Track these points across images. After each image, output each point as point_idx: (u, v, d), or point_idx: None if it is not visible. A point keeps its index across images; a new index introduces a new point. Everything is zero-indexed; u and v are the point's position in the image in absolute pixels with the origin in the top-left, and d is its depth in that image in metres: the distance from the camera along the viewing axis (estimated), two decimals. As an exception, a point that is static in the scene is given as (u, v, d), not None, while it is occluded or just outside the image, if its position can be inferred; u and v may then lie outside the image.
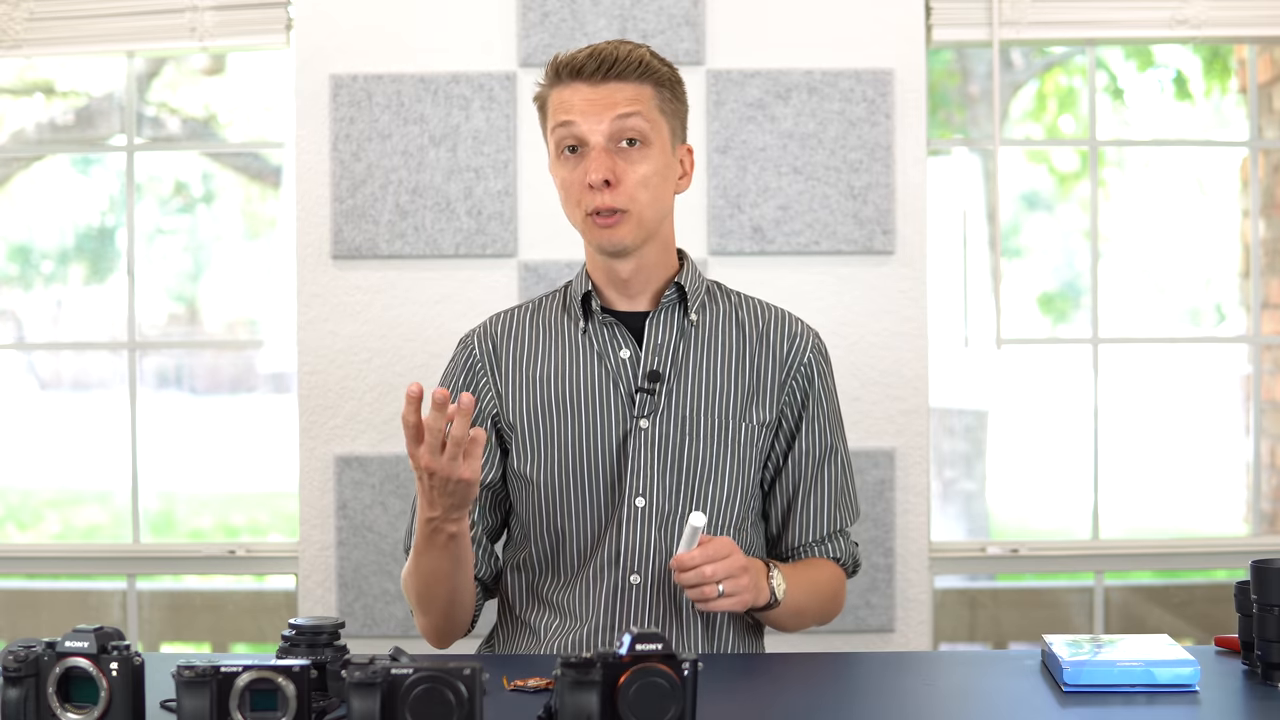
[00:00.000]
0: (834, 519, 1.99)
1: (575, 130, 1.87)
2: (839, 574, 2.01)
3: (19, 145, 4.89)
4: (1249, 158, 3.26)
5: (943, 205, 6.14)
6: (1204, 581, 3.57)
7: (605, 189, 1.85)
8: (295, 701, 1.38)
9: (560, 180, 1.91)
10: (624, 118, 1.86)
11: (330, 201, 2.81)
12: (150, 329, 7.02)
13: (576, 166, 1.88)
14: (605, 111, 1.86)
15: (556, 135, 1.89)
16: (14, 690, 1.39)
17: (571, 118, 1.87)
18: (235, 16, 2.85)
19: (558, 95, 1.90)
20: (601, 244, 1.89)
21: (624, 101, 1.87)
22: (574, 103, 1.87)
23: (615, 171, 1.85)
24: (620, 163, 1.86)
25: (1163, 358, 7.50)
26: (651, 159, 1.88)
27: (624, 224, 1.87)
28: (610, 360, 1.93)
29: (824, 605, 1.99)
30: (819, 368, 1.99)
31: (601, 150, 1.86)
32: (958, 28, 2.86)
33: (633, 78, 1.88)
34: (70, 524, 7.93)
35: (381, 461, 2.82)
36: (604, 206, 1.86)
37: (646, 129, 1.87)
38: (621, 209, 1.86)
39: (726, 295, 2.01)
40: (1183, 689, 1.59)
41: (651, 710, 1.36)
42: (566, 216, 1.94)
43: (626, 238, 1.88)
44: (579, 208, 1.89)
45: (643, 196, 1.87)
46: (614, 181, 1.85)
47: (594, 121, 1.86)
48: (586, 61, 1.87)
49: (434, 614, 1.91)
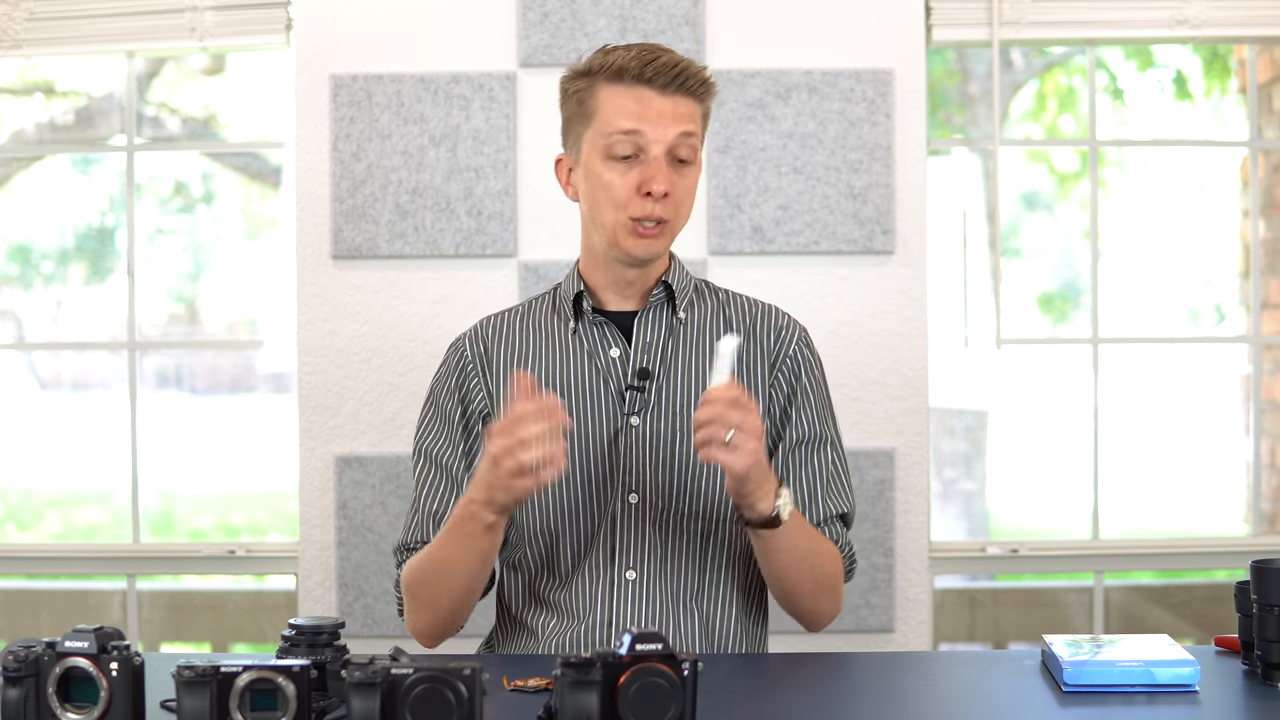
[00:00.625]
0: (825, 505, 1.95)
1: (640, 140, 1.86)
2: (839, 559, 1.95)
3: (19, 145, 4.89)
4: (1249, 158, 3.26)
5: (943, 205, 6.14)
6: (1204, 581, 3.57)
7: (663, 200, 1.86)
8: (295, 701, 1.38)
9: (606, 182, 1.87)
10: (685, 136, 1.87)
11: (330, 201, 2.82)
12: (150, 329, 7.02)
13: (628, 171, 1.86)
14: (671, 125, 1.86)
15: (611, 140, 1.86)
16: (14, 690, 1.39)
17: (639, 127, 1.85)
18: (235, 16, 2.85)
19: (614, 94, 1.87)
20: (636, 252, 1.89)
21: (686, 118, 1.87)
22: (640, 111, 1.86)
23: (672, 183, 1.87)
24: (674, 175, 1.88)
25: (1163, 358, 7.50)
26: (695, 174, 1.91)
27: (663, 235, 1.89)
28: (600, 359, 1.94)
29: (822, 571, 1.90)
30: (805, 359, 1.99)
31: (663, 161, 1.86)
32: (958, 28, 2.86)
33: (697, 93, 1.89)
34: (70, 524, 7.93)
35: (381, 461, 2.82)
36: (654, 216, 1.86)
37: (697, 148, 1.90)
38: (667, 220, 1.88)
39: (714, 293, 2.02)
40: (1183, 689, 1.59)
41: (651, 710, 1.36)
42: (593, 218, 1.91)
43: (662, 248, 1.91)
44: (621, 211, 1.87)
45: (684, 210, 1.91)
46: (670, 193, 1.87)
47: (659, 131, 1.85)
48: (660, 70, 1.86)
49: (439, 609, 1.90)
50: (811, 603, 1.93)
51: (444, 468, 1.95)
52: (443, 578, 1.86)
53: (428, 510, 1.95)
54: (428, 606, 1.91)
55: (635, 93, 1.86)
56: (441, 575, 1.86)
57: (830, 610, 1.96)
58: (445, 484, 1.95)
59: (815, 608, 1.94)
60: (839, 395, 2.80)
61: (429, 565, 1.87)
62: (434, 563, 1.86)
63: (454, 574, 1.85)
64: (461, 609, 1.91)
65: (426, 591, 1.90)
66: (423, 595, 1.91)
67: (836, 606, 1.97)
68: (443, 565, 1.85)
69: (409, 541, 1.96)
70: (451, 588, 1.87)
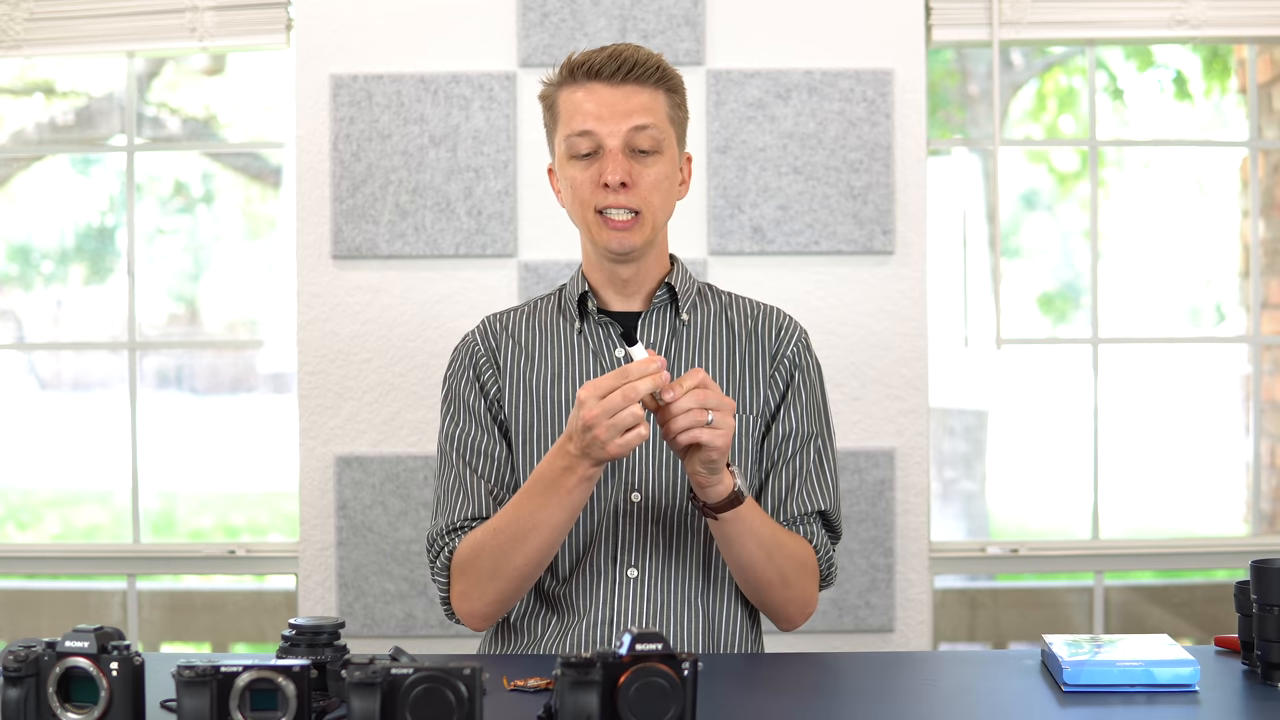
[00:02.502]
0: (802, 499, 1.93)
1: (592, 138, 1.87)
2: (809, 551, 1.92)
3: (19, 145, 4.89)
4: (1249, 158, 3.26)
5: (943, 205, 6.14)
6: (1204, 581, 3.57)
7: (621, 190, 1.87)
8: (295, 701, 1.38)
9: (570, 179, 1.90)
10: (639, 130, 1.88)
11: (330, 201, 2.82)
12: (150, 329, 7.02)
13: (589, 167, 1.89)
14: (622, 120, 1.87)
15: (570, 142, 1.89)
16: (14, 690, 1.39)
17: (588, 126, 1.87)
18: (235, 16, 2.85)
19: (570, 95, 1.90)
20: (611, 246, 1.89)
21: (640, 110, 1.88)
22: (590, 107, 1.87)
23: (631, 174, 1.87)
24: (635, 165, 1.88)
25: (1163, 358, 7.50)
26: (663, 163, 1.91)
27: (637, 227, 1.89)
28: (605, 359, 1.96)
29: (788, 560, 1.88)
30: (802, 359, 1.99)
31: (618, 153, 1.87)
32: (958, 28, 2.86)
33: (650, 82, 1.89)
34: (70, 524, 7.93)
35: (381, 461, 2.82)
36: (618, 206, 1.87)
37: (660, 139, 1.89)
38: (635, 209, 1.88)
39: (716, 295, 2.03)
40: (1183, 689, 1.59)
41: (651, 710, 1.36)
42: (571, 216, 1.94)
43: (638, 241, 1.90)
44: (587, 206, 1.89)
45: (655, 199, 1.90)
46: (630, 183, 1.87)
47: (611, 125, 1.87)
48: (606, 62, 1.88)
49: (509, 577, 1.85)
50: (781, 595, 1.90)
51: (480, 450, 1.94)
52: (519, 542, 1.82)
53: (473, 488, 1.92)
54: (491, 578, 1.86)
55: (587, 89, 1.89)
56: (518, 539, 1.82)
57: (799, 603, 1.92)
58: (485, 464, 1.93)
59: (785, 600, 1.90)
60: (839, 395, 2.80)
61: (502, 532, 1.83)
62: (510, 527, 1.82)
63: (538, 534, 1.81)
64: (532, 575, 1.86)
65: (491, 563, 1.85)
66: (486, 568, 1.86)
67: (807, 601, 1.93)
68: (521, 528, 1.81)
69: (456, 522, 1.92)
70: (529, 550, 1.82)
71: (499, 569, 1.86)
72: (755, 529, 1.83)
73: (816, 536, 1.95)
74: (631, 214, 1.88)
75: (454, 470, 1.95)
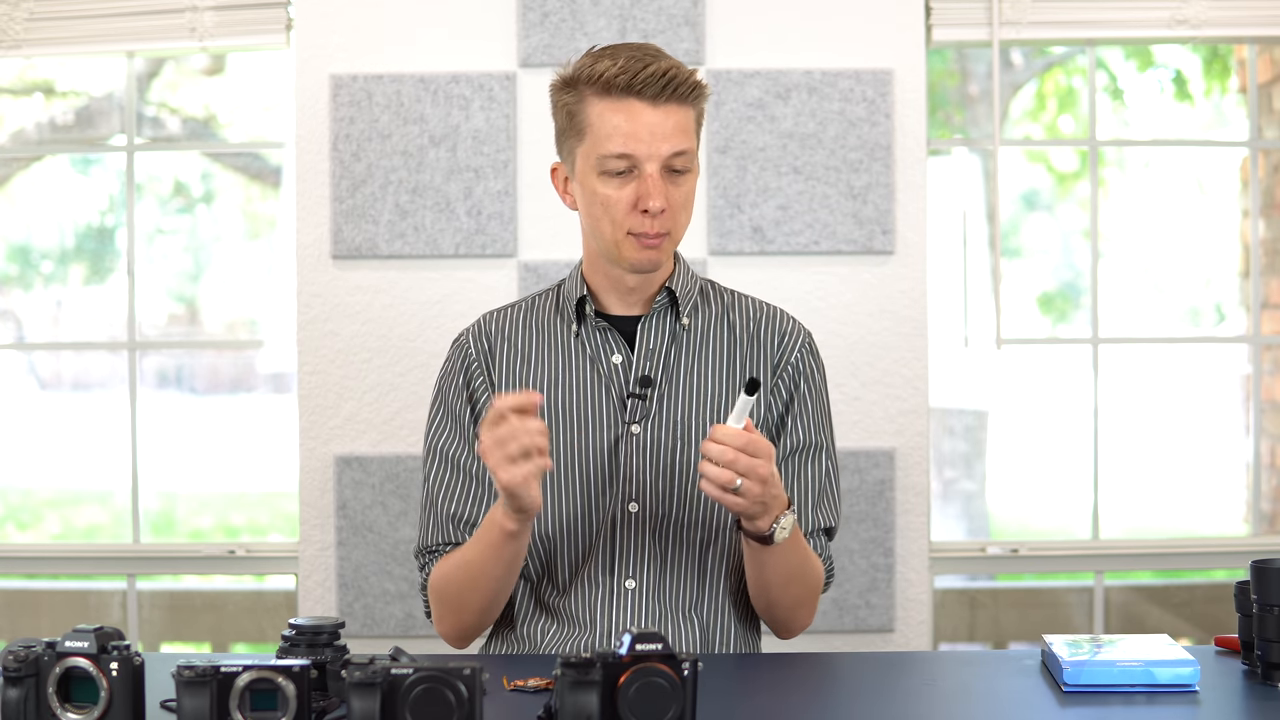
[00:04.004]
0: (814, 517, 1.94)
1: (629, 160, 1.83)
2: (821, 573, 1.94)
3: (19, 145, 4.89)
4: (1249, 158, 3.26)
5: (943, 205, 6.14)
6: (1204, 581, 3.57)
7: (659, 215, 1.84)
8: (295, 701, 1.38)
9: (602, 198, 1.85)
10: (679, 154, 1.84)
11: (330, 201, 2.82)
12: (150, 329, 7.02)
13: (624, 186, 1.84)
14: (661, 143, 1.82)
15: (602, 162, 1.83)
16: (14, 690, 1.39)
17: (628, 150, 1.82)
18: (235, 16, 2.85)
19: (604, 111, 1.83)
20: (638, 264, 1.87)
21: (677, 132, 1.83)
22: (629, 128, 1.82)
23: (666, 197, 1.84)
24: (670, 188, 1.85)
25: (1163, 358, 7.50)
26: (690, 182, 1.88)
27: (665, 245, 1.87)
28: (602, 365, 1.93)
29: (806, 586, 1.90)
30: (807, 366, 1.97)
31: (657, 178, 1.83)
32: (958, 28, 2.86)
33: (689, 100, 1.85)
34: (70, 524, 7.93)
35: (381, 461, 2.82)
36: (652, 231, 1.84)
37: (692, 158, 1.87)
38: (667, 230, 1.86)
39: (720, 296, 2.00)
40: (1183, 689, 1.59)
41: (651, 710, 1.36)
42: (590, 225, 1.89)
43: (663, 259, 1.89)
44: (620, 227, 1.85)
45: (683, 218, 1.88)
46: (666, 208, 1.84)
47: (652, 149, 1.82)
48: (649, 80, 1.81)
49: (467, 613, 1.89)
50: (790, 614, 1.93)
51: (458, 465, 1.94)
52: (470, 584, 1.86)
53: (445, 512, 1.93)
54: (455, 611, 1.90)
55: (625, 106, 1.82)
56: (469, 581, 1.86)
57: (805, 622, 1.96)
58: (461, 481, 1.93)
59: (792, 618, 1.94)
60: (839, 395, 2.80)
61: (458, 570, 1.87)
62: (464, 567, 1.86)
63: (481, 581, 1.85)
64: (489, 612, 1.90)
65: (454, 596, 1.89)
66: (451, 600, 1.90)
67: (811, 619, 1.96)
68: (470, 572, 1.85)
69: (429, 544, 1.94)
70: (479, 593, 1.86)
71: (462, 603, 1.89)
72: (787, 560, 1.84)
73: (824, 551, 1.96)
74: (663, 235, 1.86)
75: (431, 486, 1.96)
